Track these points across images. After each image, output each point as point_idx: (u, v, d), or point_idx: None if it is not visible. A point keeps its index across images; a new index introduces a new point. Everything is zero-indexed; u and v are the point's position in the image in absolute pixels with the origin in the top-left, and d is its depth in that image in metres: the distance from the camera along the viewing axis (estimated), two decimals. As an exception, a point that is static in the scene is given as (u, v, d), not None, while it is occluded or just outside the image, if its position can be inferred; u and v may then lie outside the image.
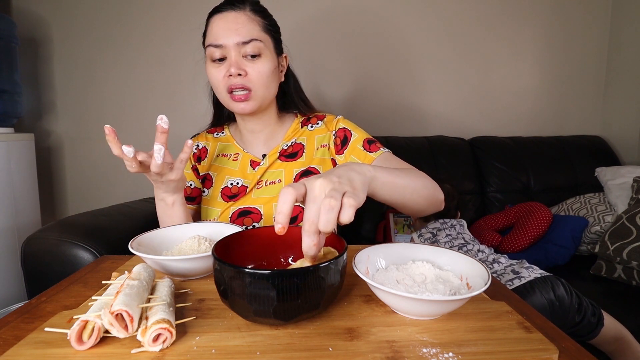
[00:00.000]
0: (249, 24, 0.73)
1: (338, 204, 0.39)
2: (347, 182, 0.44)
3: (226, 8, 0.74)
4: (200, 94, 1.71)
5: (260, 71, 0.74)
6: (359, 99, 1.79)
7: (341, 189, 0.42)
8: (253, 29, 0.74)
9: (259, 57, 0.74)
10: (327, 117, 0.88)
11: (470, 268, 0.45)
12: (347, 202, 0.40)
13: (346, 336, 0.38)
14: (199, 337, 0.38)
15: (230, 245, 0.47)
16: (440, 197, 0.71)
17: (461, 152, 1.64)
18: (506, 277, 0.96)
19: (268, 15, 0.79)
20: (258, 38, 0.73)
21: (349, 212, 0.40)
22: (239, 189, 0.82)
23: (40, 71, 1.68)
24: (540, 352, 0.35)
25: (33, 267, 0.87)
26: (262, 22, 0.76)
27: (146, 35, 1.67)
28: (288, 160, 0.83)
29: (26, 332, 0.39)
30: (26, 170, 1.47)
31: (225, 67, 0.74)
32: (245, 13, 0.74)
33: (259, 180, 0.82)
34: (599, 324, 0.91)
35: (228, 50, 0.73)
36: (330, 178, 0.43)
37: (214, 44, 0.73)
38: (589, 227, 1.36)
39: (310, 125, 0.88)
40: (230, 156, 0.87)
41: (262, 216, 0.79)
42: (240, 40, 0.72)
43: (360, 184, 0.46)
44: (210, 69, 0.76)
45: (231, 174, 0.84)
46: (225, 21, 0.73)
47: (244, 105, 0.75)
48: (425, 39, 1.78)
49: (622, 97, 1.82)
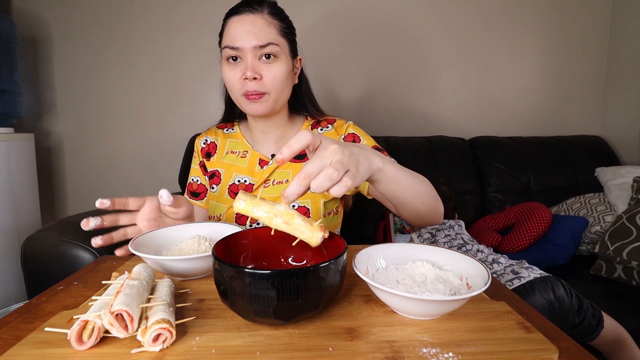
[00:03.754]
0: (266, 27, 0.73)
1: (338, 178, 0.42)
2: (354, 162, 0.45)
3: (244, 10, 0.74)
4: (200, 94, 1.72)
5: (275, 75, 0.74)
6: (359, 98, 1.79)
7: (347, 165, 0.44)
8: (270, 32, 0.74)
9: (274, 61, 0.75)
10: (338, 122, 0.89)
11: (470, 268, 0.45)
12: (345, 180, 0.43)
13: (346, 336, 0.38)
14: (199, 337, 0.38)
15: (230, 245, 0.47)
16: (440, 211, 0.72)
17: (461, 152, 1.64)
18: (506, 278, 0.96)
19: (285, 17, 0.79)
20: (275, 42, 0.74)
21: (342, 189, 0.42)
22: (246, 187, 0.83)
23: (40, 71, 1.68)
24: (540, 352, 0.35)
25: (33, 267, 0.87)
26: (279, 25, 0.76)
27: (146, 35, 1.67)
28: (297, 161, 0.84)
29: (26, 332, 0.39)
30: (26, 170, 1.47)
31: (241, 69, 0.74)
32: (263, 16, 0.74)
33: (266, 179, 0.82)
34: (599, 326, 0.91)
35: (244, 53, 0.73)
36: (343, 150, 0.44)
37: (231, 46, 0.73)
38: (589, 227, 1.36)
39: (320, 128, 0.88)
40: (239, 153, 0.87)
41: None
42: (257, 44, 0.72)
43: (364, 170, 0.48)
44: (226, 69, 0.76)
45: (239, 171, 0.85)
46: (243, 24, 0.73)
47: (257, 107, 0.76)
48: (426, 39, 1.78)
49: (622, 97, 1.82)
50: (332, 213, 0.84)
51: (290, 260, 0.51)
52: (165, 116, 1.72)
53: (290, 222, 0.43)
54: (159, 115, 1.72)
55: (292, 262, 0.51)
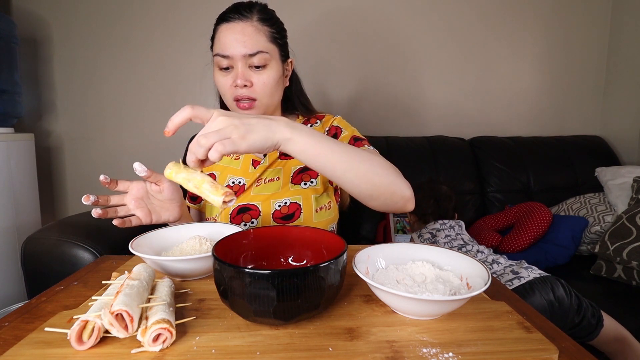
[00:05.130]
0: (255, 35, 0.74)
1: (207, 144, 0.46)
2: (242, 130, 0.47)
3: (233, 17, 0.74)
4: (201, 94, 1.72)
5: (265, 82, 0.75)
6: (359, 98, 1.79)
7: (228, 133, 0.47)
8: (259, 40, 0.74)
9: (264, 68, 0.75)
10: (326, 117, 0.90)
11: (470, 268, 0.45)
12: (215, 146, 0.46)
13: (346, 336, 0.38)
14: (199, 337, 0.38)
15: (230, 246, 0.47)
16: (403, 194, 0.64)
17: (461, 152, 1.64)
18: (505, 278, 0.96)
19: (275, 22, 0.79)
20: (264, 50, 0.74)
21: (214, 154, 0.46)
22: (240, 187, 0.83)
23: (40, 71, 1.68)
24: (540, 352, 0.35)
25: (33, 267, 0.87)
26: (268, 31, 0.76)
27: (146, 35, 1.67)
28: (287, 158, 0.84)
29: (26, 332, 0.39)
30: (26, 170, 1.47)
31: (232, 76, 0.75)
32: (252, 23, 0.74)
33: (258, 178, 0.83)
34: (599, 325, 0.91)
35: (235, 61, 0.74)
36: (231, 120, 0.48)
37: (221, 54, 0.74)
38: (589, 227, 1.36)
39: (309, 124, 0.89)
40: (232, 155, 0.88)
41: (260, 212, 0.80)
42: (247, 52, 0.73)
43: (257, 138, 0.49)
44: (218, 76, 0.78)
45: (233, 173, 0.85)
46: (233, 32, 0.73)
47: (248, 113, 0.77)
48: (426, 39, 1.78)
49: (622, 97, 1.82)
50: (324, 208, 0.84)
51: (290, 260, 0.52)
52: (165, 116, 1.71)
53: (199, 187, 0.49)
54: (158, 115, 1.71)
55: (292, 262, 0.51)
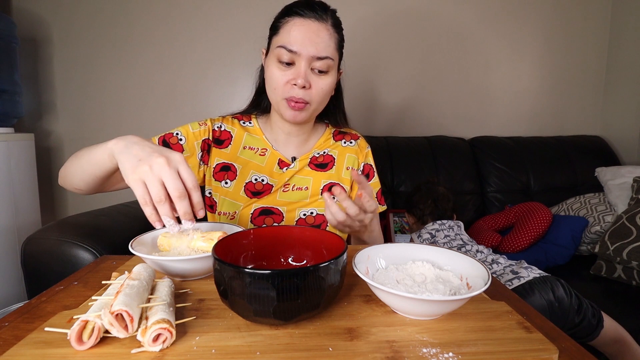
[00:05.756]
0: (328, 40, 0.72)
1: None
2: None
3: (309, 14, 0.71)
4: (201, 94, 1.72)
5: (322, 88, 0.74)
6: (360, 98, 1.79)
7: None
8: (329, 46, 0.72)
9: (325, 74, 0.73)
10: (361, 142, 0.90)
11: (470, 268, 0.45)
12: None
13: (346, 336, 0.38)
14: (199, 337, 0.38)
15: (230, 246, 0.47)
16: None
17: (461, 152, 1.64)
18: (505, 278, 0.96)
19: (342, 29, 0.77)
20: (331, 56, 0.72)
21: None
22: (263, 187, 0.80)
23: (40, 71, 1.68)
24: (540, 352, 0.35)
25: (33, 267, 0.87)
26: (337, 38, 0.75)
27: (146, 35, 1.67)
28: (318, 169, 0.83)
29: (26, 332, 0.39)
30: (26, 170, 1.47)
31: (292, 73, 0.72)
32: (327, 27, 0.72)
33: (286, 182, 0.81)
34: (599, 326, 0.91)
35: (300, 59, 0.71)
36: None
37: (288, 47, 0.70)
38: (589, 227, 1.36)
39: (344, 141, 0.89)
40: (257, 150, 0.84)
41: (283, 218, 0.79)
42: (316, 55, 0.71)
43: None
44: (274, 68, 0.73)
45: (257, 170, 0.82)
46: (307, 30, 0.70)
47: (297, 114, 0.74)
48: (425, 39, 1.78)
49: (622, 97, 1.82)
50: None
51: (290, 260, 0.52)
52: (166, 116, 1.72)
53: (194, 246, 0.53)
54: (159, 114, 1.72)
55: (292, 262, 0.51)
